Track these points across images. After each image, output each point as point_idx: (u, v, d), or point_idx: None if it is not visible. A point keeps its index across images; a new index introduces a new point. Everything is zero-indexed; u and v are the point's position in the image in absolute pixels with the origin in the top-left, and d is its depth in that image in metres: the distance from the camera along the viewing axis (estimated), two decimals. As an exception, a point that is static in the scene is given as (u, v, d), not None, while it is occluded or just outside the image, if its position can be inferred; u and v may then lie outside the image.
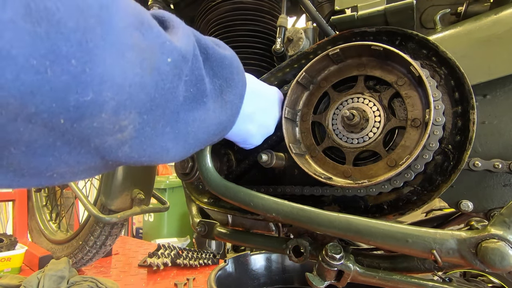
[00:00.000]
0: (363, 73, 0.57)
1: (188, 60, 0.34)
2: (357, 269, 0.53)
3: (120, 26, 0.26)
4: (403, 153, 0.51)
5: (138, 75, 0.28)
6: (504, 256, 0.41)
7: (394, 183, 0.51)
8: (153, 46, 0.30)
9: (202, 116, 0.39)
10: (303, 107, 0.62)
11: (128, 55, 0.27)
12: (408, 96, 0.52)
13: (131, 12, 0.28)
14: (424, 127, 0.49)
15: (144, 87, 0.29)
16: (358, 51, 0.56)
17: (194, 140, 0.40)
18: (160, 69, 0.30)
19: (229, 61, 0.43)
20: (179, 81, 0.33)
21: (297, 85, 0.60)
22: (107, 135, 0.28)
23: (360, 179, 0.54)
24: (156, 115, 0.32)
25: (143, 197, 1.23)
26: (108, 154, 0.30)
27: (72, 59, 0.23)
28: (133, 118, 0.29)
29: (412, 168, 0.50)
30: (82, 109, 0.24)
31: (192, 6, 1.00)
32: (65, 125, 0.25)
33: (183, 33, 0.35)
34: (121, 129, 0.29)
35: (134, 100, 0.28)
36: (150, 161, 0.35)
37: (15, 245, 1.50)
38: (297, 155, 0.58)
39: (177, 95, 0.34)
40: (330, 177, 0.56)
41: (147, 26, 0.30)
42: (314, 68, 0.60)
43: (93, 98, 0.25)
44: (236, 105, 0.45)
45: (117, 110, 0.27)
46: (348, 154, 0.56)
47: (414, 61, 0.50)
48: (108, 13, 0.25)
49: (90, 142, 0.27)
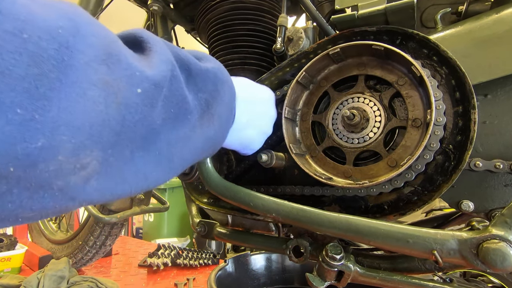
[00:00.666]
0: (363, 72, 0.56)
1: (162, 87, 0.33)
2: (357, 269, 0.53)
3: (83, 62, 0.25)
4: (404, 153, 0.50)
5: (102, 113, 0.27)
6: (505, 256, 0.40)
7: (395, 183, 0.51)
8: (121, 79, 0.28)
9: (187, 133, 0.38)
10: (303, 107, 0.62)
11: (91, 92, 0.26)
12: (409, 96, 0.52)
13: (98, 44, 0.27)
14: (425, 127, 0.49)
15: (108, 124, 0.27)
16: (359, 50, 0.56)
17: (180, 160, 0.38)
18: (128, 103, 0.29)
19: (213, 73, 0.42)
20: (151, 109, 0.32)
21: (297, 85, 0.60)
22: (69, 175, 0.26)
23: (360, 180, 0.53)
24: (122, 146, 0.30)
25: (143, 197, 1.22)
26: (76, 193, 0.28)
27: (17, 109, 0.22)
28: (96, 155, 0.27)
29: (413, 169, 0.49)
30: (33, 156, 0.23)
31: (191, 5, 1.00)
32: (17, 172, 0.23)
33: (159, 56, 0.34)
34: (83, 166, 0.27)
35: (95, 140, 0.27)
36: (128, 189, 0.33)
37: (15, 245, 1.50)
38: (297, 155, 0.58)
39: (151, 121, 0.32)
40: (331, 177, 0.55)
41: (115, 58, 0.28)
42: (314, 68, 0.59)
43: (45, 144, 0.23)
44: (225, 117, 0.44)
45: (76, 150, 0.25)
46: (348, 154, 0.56)
47: (415, 60, 0.49)
48: (67, 52, 0.24)
49: (52, 185, 0.26)
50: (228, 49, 0.83)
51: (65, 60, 0.24)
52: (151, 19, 1.07)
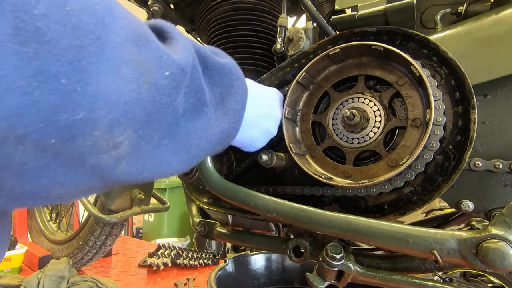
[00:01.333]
0: (363, 73, 0.57)
1: (186, 73, 0.34)
2: (357, 269, 0.53)
3: (117, 41, 0.26)
4: (404, 153, 0.50)
5: (134, 91, 0.27)
6: (505, 256, 0.40)
7: (394, 183, 0.51)
8: (151, 61, 0.29)
9: (203, 125, 0.39)
10: (303, 107, 0.62)
11: (124, 71, 0.26)
12: (409, 96, 0.52)
13: (129, 26, 0.28)
14: (424, 127, 0.49)
15: (140, 103, 0.28)
16: (359, 51, 0.56)
17: (197, 150, 0.39)
18: (158, 84, 0.30)
19: (228, 68, 0.43)
20: (177, 94, 0.33)
21: (297, 85, 0.60)
22: (102, 153, 0.27)
23: (360, 179, 0.53)
24: (152, 129, 0.31)
25: (143, 197, 1.22)
26: (105, 173, 0.29)
27: (62, 79, 0.22)
28: (128, 134, 0.28)
29: (412, 168, 0.50)
30: (73, 128, 0.24)
31: (192, 5, 1.00)
32: (57, 145, 0.24)
33: (182, 45, 0.35)
34: (116, 146, 0.28)
35: (129, 117, 0.28)
36: (152, 175, 0.34)
37: (15, 245, 1.50)
38: (297, 155, 0.58)
39: (175, 107, 0.33)
40: (331, 177, 0.55)
41: (144, 40, 0.29)
42: (314, 68, 0.60)
43: (84, 117, 0.24)
44: (238, 112, 0.45)
45: (111, 127, 0.26)
46: (348, 154, 0.56)
47: (414, 61, 0.49)
48: (104, 29, 0.25)
49: (85, 162, 0.27)
50: (229, 49, 0.83)
51: (102, 36, 0.24)
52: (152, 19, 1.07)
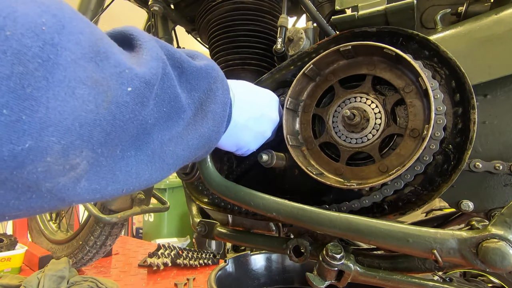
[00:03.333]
0: (372, 73, 0.56)
1: (153, 84, 0.32)
2: (357, 269, 0.53)
3: (70, 60, 0.24)
4: (396, 161, 0.51)
5: (92, 112, 0.26)
6: (505, 256, 0.41)
7: (384, 191, 0.52)
8: (110, 77, 0.27)
9: (180, 132, 0.38)
10: (307, 98, 0.62)
11: (80, 91, 0.25)
12: (413, 105, 0.51)
13: (85, 41, 0.26)
14: (421, 139, 0.49)
15: (98, 124, 0.27)
16: (370, 50, 0.55)
17: (174, 159, 0.38)
18: (119, 101, 0.28)
19: (206, 71, 0.42)
20: (143, 107, 0.31)
21: (303, 77, 0.60)
22: (58, 176, 0.25)
23: (351, 179, 0.54)
24: (112, 145, 0.30)
25: (143, 197, 1.23)
26: (65, 194, 0.27)
27: (3, 109, 0.21)
28: (86, 155, 0.27)
29: (402, 178, 0.50)
30: (20, 157, 0.22)
31: (192, 6, 1.00)
32: (3, 174, 0.23)
33: (150, 54, 0.33)
34: (73, 167, 0.26)
35: (85, 139, 0.26)
36: (120, 189, 0.32)
37: (15, 245, 1.50)
38: (293, 147, 0.58)
39: (142, 120, 0.32)
40: (322, 173, 0.56)
41: (103, 55, 0.27)
42: (323, 61, 0.59)
43: (32, 145, 0.22)
44: (218, 114, 0.43)
45: (65, 151, 0.25)
46: (343, 152, 0.57)
47: (423, 72, 0.49)
48: (53, 50, 0.23)
49: (40, 187, 0.25)
50: (229, 49, 0.83)
51: (51, 58, 0.23)
52: (152, 19, 1.07)
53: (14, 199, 0.25)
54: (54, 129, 0.23)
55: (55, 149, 0.24)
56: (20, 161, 0.23)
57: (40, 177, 0.24)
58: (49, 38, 0.23)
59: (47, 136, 0.23)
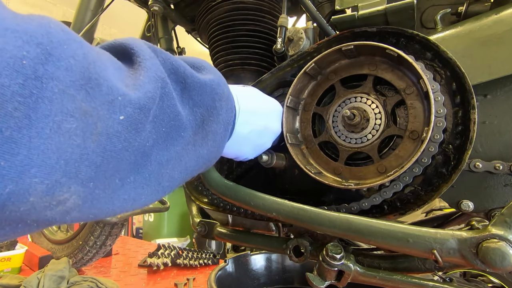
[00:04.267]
0: (373, 73, 0.56)
1: (149, 109, 0.30)
2: (357, 269, 0.53)
3: (58, 90, 0.22)
4: (395, 162, 0.51)
5: (78, 147, 0.24)
6: (505, 256, 0.40)
7: (384, 194, 0.52)
8: (101, 107, 0.25)
9: (179, 152, 0.36)
10: (307, 97, 0.62)
11: (67, 125, 0.23)
12: (413, 106, 0.51)
13: (76, 66, 0.24)
14: (420, 141, 0.49)
15: (86, 158, 0.25)
16: (372, 50, 0.55)
17: (169, 182, 0.36)
18: (109, 132, 0.26)
19: (211, 87, 0.39)
20: (137, 133, 0.29)
21: (304, 75, 0.60)
22: (44, 211, 0.24)
23: (349, 179, 0.54)
24: (107, 176, 0.28)
25: (143, 197, 1.22)
26: (54, 223, 0.26)
27: None
28: (75, 190, 0.25)
29: (400, 180, 0.51)
30: (0, 200, 0.21)
31: (192, 6, 1.00)
32: None
33: (148, 73, 0.31)
34: (61, 202, 0.25)
35: (72, 176, 0.24)
36: (112, 213, 0.31)
37: (15, 245, 1.50)
38: (292, 145, 0.58)
39: (140, 144, 0.30)
40: (320, 172, 0.56)
41: (94, 82, 0.25)
42: (324, 60, 0.58)
43: (13, 189, 0.21)
44: (219, 135, 0.41)
45: (50, 190, 0.23)
46: (342, 152, 0.57)
47: (424, 74, 0.49)
48: (37, 83, 0.21)
49: (24, 220, 0.24)
50: (229, 49, 0.83)
51: (34, 93, 0.21)
52: (152, 19, 1.07)
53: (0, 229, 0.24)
54: (37, 170, 0.22)
55: (39, 190, 0.23)
56: (0, 203, 0.21)
57: (24, 214, 0.23)
58: (31, 72, 0.21)
59: (29, 178, 0.22)
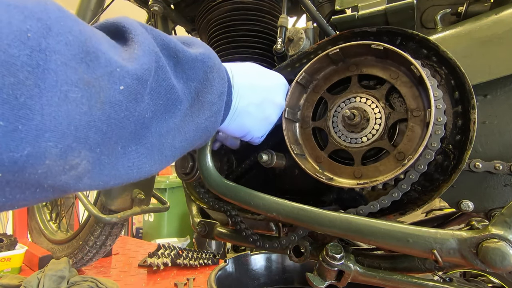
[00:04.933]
0: (392, 82, 0.54)
1: (146, 80, 0.32)
2: (357, 269, 0.53)
3: (60, 62, 0.24)
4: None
5: (86, 114, 0.26)
6: (505, 256, 0.41)
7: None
8: (102, 77, 0.28)
9: (177, 123, 0.38)
10: (321, 79, 0.62)
11: (73, 94, 0.25)
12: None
13: (75, 41, 0.26)
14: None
15: (93, 125, 0.27)
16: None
17: (171, 151, 0.38)
18: (112, 101, 0.29)
19: (201, 61, 0.41)
20: (137, 104, 0.32)
21: (326, 57, 0.59)
22: (59, 175, 0.27)
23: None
24: (111, 143, 0.30)
25: (143, 197, 1.22)
26: (68, 189, 0.28)
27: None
28: (85, 155, 0.28)
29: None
30: (20, 162, 0.23)
31: (192, 6, 1.00)
32: (6, 176, 0.24)
33: (142, 48, 0.32)
34: (73, 167, 0.27)
35: (82, 141, 0.27)
36: (120, 182, 0.34)
37: (15, 245, 1.50)
38: (287, 120, 0.58)
39: (139, 115, 0.32)
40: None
41: (93, 55, 0.27)
42: (351, 50, 0.58)
43: (30, 152, 0.23)
44: (215, 104, 0.43)
45: (63, 154, 0.26)
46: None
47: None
48: (42, 55, 0.23)
49: (42, 184, 0.26)
50: (229, 49, 0.83)
51: (40, 64, 0.23)
52: (152, 19, 1.07)
53: (20, 194, 0.26)
54: (51, 135, 0.24)
55: (53, 153, 0.25)
56: (20, 165, 0.24)
57: (41, 177, 0.26)
58: (36, 44, 0.23)
59: (44, 142, 0.24)
